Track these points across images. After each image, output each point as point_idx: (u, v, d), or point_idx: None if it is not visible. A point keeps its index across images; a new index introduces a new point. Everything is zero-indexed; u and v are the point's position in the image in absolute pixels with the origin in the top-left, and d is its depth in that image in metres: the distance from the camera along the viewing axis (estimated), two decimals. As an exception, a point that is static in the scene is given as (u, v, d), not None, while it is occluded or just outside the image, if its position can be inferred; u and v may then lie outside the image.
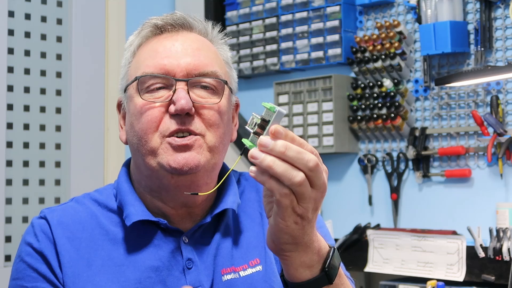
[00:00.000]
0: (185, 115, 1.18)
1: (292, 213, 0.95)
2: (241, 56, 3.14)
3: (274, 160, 0.92)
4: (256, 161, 0.92)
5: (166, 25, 1.26)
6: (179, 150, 1.18)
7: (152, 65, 1.22)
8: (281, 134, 0.93)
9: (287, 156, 0.92)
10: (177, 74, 1.20)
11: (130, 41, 1.30)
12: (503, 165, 2.48)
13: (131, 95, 1.24)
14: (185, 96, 1.18)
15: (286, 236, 0.98)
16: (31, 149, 2.82)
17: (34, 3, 2.86)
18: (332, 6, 2.86)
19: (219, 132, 1.22)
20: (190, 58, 1.22)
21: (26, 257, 1.22)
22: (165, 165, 1.18)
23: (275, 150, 0.92)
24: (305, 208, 0.95)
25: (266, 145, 0.92)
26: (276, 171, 0.91)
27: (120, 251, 1.22)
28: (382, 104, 2.75)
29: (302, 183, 0.93)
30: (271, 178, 0.93)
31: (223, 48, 1.32)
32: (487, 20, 2.51)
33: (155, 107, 1.20)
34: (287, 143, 0.93)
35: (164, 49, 1.23)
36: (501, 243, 2.31)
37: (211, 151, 1.21)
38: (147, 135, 1.20)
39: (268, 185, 0.93)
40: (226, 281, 1.23)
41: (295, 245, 0.99)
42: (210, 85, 1.22)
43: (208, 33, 1.30)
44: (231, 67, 1.32)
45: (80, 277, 1.19)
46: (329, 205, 2.95)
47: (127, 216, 1.23)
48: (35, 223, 1.25)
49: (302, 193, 0.94)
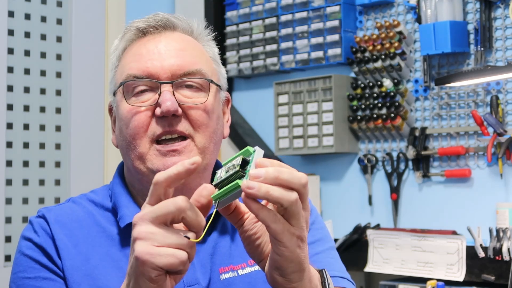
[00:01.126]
0: (172, 117, 1.18)
1: (291, 236, 0.94)
2: (241, 56, 3.14)
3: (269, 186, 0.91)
4: (252, 191, 0.90)
5: (148, 28, 1.26)
6: (168, 155, 1.18)
7: (136, 68, 1.22)
8: (266, 165, 0.93)
9: (281, 180, 0.92)
10: (161, 76, 1.21)
11: (115, 45, 1.31)
12: (503, 165, 2.49)
13: (119, 100, 1.25)
14: (171, 98, 1.18)
15: (292, 264, 0.96)
16: (31, 149, 2.82)
17: (34, 3, 2.86)
18: (332, 6, 2.86)
19: (208, 131, 1.22)
20: (173, 59, 1.22)
21: (27, 251, 1.23)
22: (155, 170, 1.18)
23: (269, 178, 0.91)
24: (301, 228, 0.95)
25: (259, 175, 0.91)
26: (274, 195, 0.91)
27: (117, 247, 1.23)
28: (382, 104, 2.75)
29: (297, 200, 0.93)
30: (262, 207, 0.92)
31: (209, 45, 1.32)
32: (487, 20, 2.51)
33: (141, 111, 1.20)
34: (278, 168, 0.92)
35: (147, 52, 1.23)
36: (501, 243, 2.31)
37: (202, 152, 1.21)
38: (135, 140, 1.20)
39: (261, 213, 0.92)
40: (225, 279, 1.22)
41: (301, 272, 0.98)
42: (195, 83, 1.22)
43: (193, 30, 1.30)
44: (219, 63, 1.32)
45: (79, 270, 1.20)
46: (329, 205, 2.95)
47: (121, 217, 1.23)
48: (34, 221, 1.26)
49: (297, 212, 0.94)
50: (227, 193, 0.95)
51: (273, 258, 0.97)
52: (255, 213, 0.92)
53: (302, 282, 0.99)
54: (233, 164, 0.96)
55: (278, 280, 0.98)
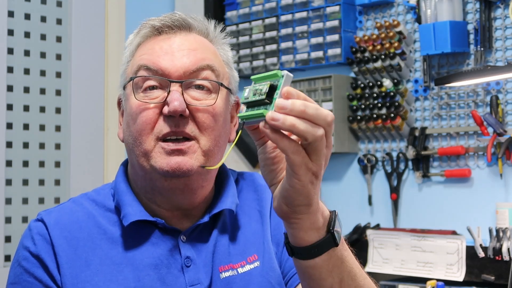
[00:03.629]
0: (179, 117, 1.18)
1: (307, 171, 0.95)
2: (241, 56, 3.14)
3: (295, 118, 0.91)
4: (277, 123, 0.90)
5: (163, 27, 1.26)
6: (173, 154, 1.18)
7: (147, 60, 1.22)
8: (293, 95, 0.93)
9: (307, 114, 0.92)
10: (172, 75, 1.21)
11: (130, 39, 1.30)
12: (502, 165, 2.49)
13: (128, 94, 1.25)
14: (179, 98, 1.18)
15: (301, 198, 0.97)
16: (30, 149, 2.82)
17: (34, 3, 2.86)
18: (331, 6, 2.86)
19: (214, 135, 1.21)
20: (185, 58, 1.22)
21: (23, 262, 1.22)
22: (157, 168, 1.18)
23: (295, 110, 0.91)
24: (319, 165, 0.96)
25: (285, 107, 0.91)
26: (299, 128, 0.91)
27: (118, 249, 1.22)
28: (381, 104, 2.75)
29: (323, 137, 0.94)
30: (283, 137, 0.93)
31: (224, 48, 1.31)
32: (487, 20, 2.51)
33: (149, 108, 1.20)
34: (305, 102, 0.92)
35: (160, 49, 1.23)
36: (500, 243, 2.31)
37: (206, 155, 1.20)
38: (141, 137, 1.20)
39: (281, 143, 0.93)
40: (225, 278, 1.23)
41: (308, 206, 0.99)
42: (205, 85, 1.22)
43: (209, 33, 1.30)
44: (232, 67, 1.31)
45: (79, 277, 1.19)
46: (329, 205, 2.94)
47: (125, 216, 1.23)
48: (32, 226, 1.25)
49: (319, 149, 0.94)
50: (252, 117, 0.96)
51: (284, 187, 0.97)
52: (274, 142, 0.93)
53: (308, 215, 1.00)
54: (260, 88, 0.96)
55: (283, 209, 0.99)
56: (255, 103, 0.96)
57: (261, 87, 0.96)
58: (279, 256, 1.29)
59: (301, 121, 0.91)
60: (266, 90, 0.94)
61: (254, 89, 0.97)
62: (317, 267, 1.04)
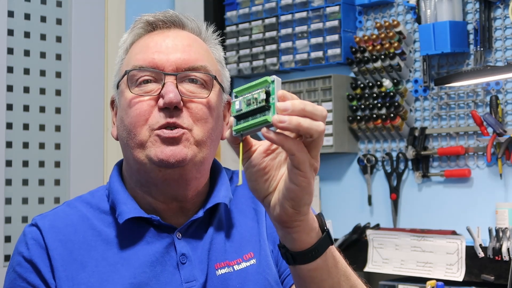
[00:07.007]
0: (174, 109, 1.19)
1: (310, 168, 0.97)
2: (241, 56, 3.14)
3: (298, 117, 0.94)
4: (284, 124, 0.93)
5: (157, 21, 1.28)
6: (167, 143, 1.18)
7: (142, 59, 1.23)
8: (288, 97, 0.96)
9: (307, 111, 0.94)
10: (166, 69, 1.22)
11: (123, 39, 1.32)
12: (502, 165, 2.49)
13: (122, 90, 1.25)
14: (174, 90, 1.19)
15: (307, 196, 0.99)
16: (30, 149, 2.82)
17: (33, 3, 2.86)
18: (331, 6, 2.86)
19: (207, 126, 1.22)
20: (180, 53, 1.23)
21: (16, 267, 1.24)
22: (153, 157, 1.18)
23: (296, 110, 0.94)
24: (318, 160, 0.98)
25: (287, 108, 0.94)
26: (304, 126, 0.93)
27: (114, 250, 1.23)
28: (381, 104, 2.75)
29: (324, 131, 0.96)
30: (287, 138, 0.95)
31: (216, 48, 1.33)
32: (487, 20, 2.51)
33: (144, 100, 1.21)
34: (302, 100, 0.95)
35: (154, 44, 1.24)
36: (500, 243, 2.31)
37: (198, 145, 1.21)
38: (136, 128, 1.21)
39: (287, 144, 0.95)
40: (220, 275, 1.23)
41: (309, 205, 1.01)
42: (199, 79, 1.23)
43: (201, 32, 1.31)
44: (224, 66, 1.33)
45: (75, 279, 1.20)
46: (328, 205, 2.95)
47: (120, 214, 1.23)
48: (26, 231, 1.26)
49: (320, 144, 0.97)
50: (253, 126, 0.97)
51: (289, 189, 0.98)
52: (280, 144, 0.95)
53: (308, 216, 1.01)
54: (254, 97, 0.97)
55: (289, 212, 0.99)
56: (251, 112, 0.98)
57: (255, 95, 0.97)
58: (275, 254, 1.30)
59: (304, 119, 0.94)
60: (264, 97, 0.96)
61: (247, 100, 0.98)
62: (318, 269, 1.05)
